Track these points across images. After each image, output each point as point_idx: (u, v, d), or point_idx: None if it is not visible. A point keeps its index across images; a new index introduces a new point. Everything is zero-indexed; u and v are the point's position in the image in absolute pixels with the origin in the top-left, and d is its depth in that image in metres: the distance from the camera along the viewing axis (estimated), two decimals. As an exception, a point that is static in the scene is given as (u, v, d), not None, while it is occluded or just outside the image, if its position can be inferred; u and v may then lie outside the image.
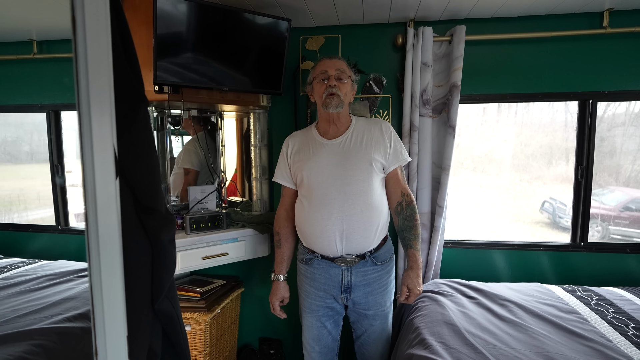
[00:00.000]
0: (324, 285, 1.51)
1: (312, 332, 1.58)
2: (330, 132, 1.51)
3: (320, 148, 1.49)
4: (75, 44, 0.52)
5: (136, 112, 0.72)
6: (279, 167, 1.61)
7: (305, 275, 1.56)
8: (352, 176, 1.43)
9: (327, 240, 1.44)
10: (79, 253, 2.30)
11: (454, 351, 1.22)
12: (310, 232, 1.48)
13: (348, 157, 1.45)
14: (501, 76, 1.90)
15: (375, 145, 1.47)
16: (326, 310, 1.54)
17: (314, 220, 1.46)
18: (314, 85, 1.51)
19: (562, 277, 1.96)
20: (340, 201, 1.42)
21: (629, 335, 1.34)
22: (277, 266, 1.61)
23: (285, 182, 1.60)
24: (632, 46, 1.80)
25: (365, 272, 1.48)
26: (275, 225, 1.64)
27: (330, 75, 1.45)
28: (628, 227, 3.68)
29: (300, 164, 1.51)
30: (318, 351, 1.59)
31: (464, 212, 1.58)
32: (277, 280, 1.61)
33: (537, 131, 3.51)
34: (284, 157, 1.59)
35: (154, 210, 0.75)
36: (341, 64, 1.48)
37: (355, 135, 1.49)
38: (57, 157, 2.35)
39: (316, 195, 1.45)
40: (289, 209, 1.62)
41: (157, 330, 0.81)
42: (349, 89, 1.49)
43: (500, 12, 1.79)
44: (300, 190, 1.55)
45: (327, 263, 1.49)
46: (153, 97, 1.61)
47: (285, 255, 1.61)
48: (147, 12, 1.51)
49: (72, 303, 1.53)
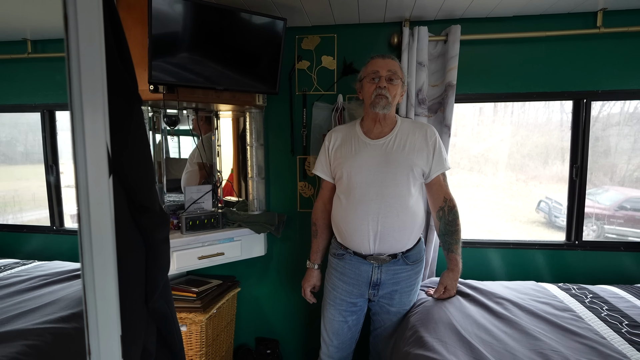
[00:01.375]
0: (353, 280, 1.53)
1: (332, 325, 1.59)
2: (374, 132, 1.51)
3: (363, 147, 1.50)
4: (67, 41, 0.52)
5: (130, 110, 0.72)
6: (319, 161, 1.63)
7: (336, 269, 1.58)
8: (391, 179, 1.44)
9: (361, 239, 1.46)
10: (73, 253, 2.29)
11: (451, 349, 1.22)
12: (345, 229, 1.50)
13: (389, 160, 1.45)
14: (496, 76, 1.90)
15: (418, 151, 1.47)
16: (349, 305, 1.56)
17: (349, 218, 1.47)
18: (363, 83, 1.51)
19: (557, 276, 1.97)
20: (377, 203, 1.43)
21: (622, 332, 1.34)
22: (313, 255, 1.68)
23: (324, 175, 1.62)
24: (625, 46, 1.81)
25: (396, 270, 1.50)
26: (313, 216, 1.69)
27: (382, 76, 1.45)
28: (623, 226, 3.70)
29: (340, 161, 1.52)
30: (336, 345, 1.60)
31: (461, 212, 1.58)
32: (312, 268, 1.68)
33: (533, 131, 3.53)
34: (325, 151, 1.60)
35: (148, 209, 0.75)
36: (393, 64, 1.47)
37: (399, 137, 1.49)
38: (52, 157, 2.33)
39: (354, 194, 1.47)
40: (326, 202, 1.65)
41: (151, 329, 0.81)
42: (399, 90, 1.49)
43: (495, 12, 1.80)
44: (338, 186, 1.56)
45: (359, 259, 1.51)
46: (148, 97, 1.60)
47: (321, 245, 1.68)
48: (141, 11, 1.51)
49: (66, 303, 1.52)
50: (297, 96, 2.03)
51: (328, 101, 1.99)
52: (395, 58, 1.50)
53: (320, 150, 1.65)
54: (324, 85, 2.00)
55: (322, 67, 1.99)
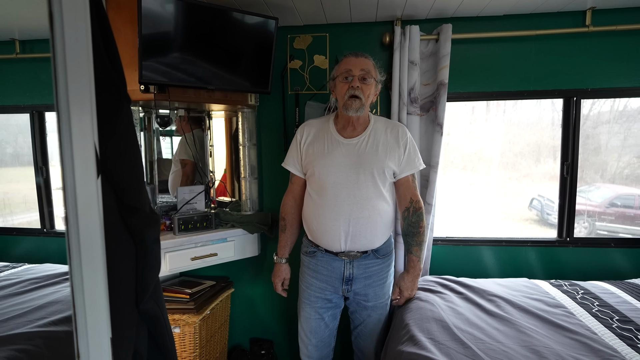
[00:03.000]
0: (325, 276, 1.53)
1: (309, 323, 1.58)
2: (347, 130, 1.50)
3: (336, 146, 1.48)
4: (53, 39, 0.51)
5: (118, 110, 0.71)
6: (290, 155, 1.60)
7: (308, 267, 1.58)
8: (363, 181, 1.44)
9: (333, 238, 1.47)
10: (64, 256, 2.26)
11: (443, 347, 1.22)
12: (316, 228, 1.50)
13: (362, 161, 1.45)
14: (488, 74, 1.92)
15: (390, 151, 1.47)
16: (325, 302, 1.56)
17: (321, 218, 1.48)
18: (336, 82, 1.48)
19: (549, 272, 1.99)
20: (349, 204, 1.43)
21: (613, 327, 1.36)
22: (281, 250, 1.66)
23: (295, 170, 1.59)
24: (614, 44, 1.83)
25: (367, 265, 1.51)
26: (282, 211, 1.65)
27: (355, 76, 1.41)
28: (613, 223, 3.75)
29: (312, 158, 1.50)
30: (314, 344, 1.60)
31: (455, 210, 1.60)
32: (279, 262, 1.66)
33: (525, 129, 3.56)
34: (297, 145, 1.57)
35: (137, 210, 0.74)
36: (367, 63, 1.44)
37: (373, 137, 1.48)
38: (42, 159, 2.30)
39: (326, 194, 1.46)
40: (297, 197, 1.63)
41: (142, 331, 0.80)
42: (372, 90, 1.46)
43: (486, 11, 1.81)
44: (309, 183, 1.55)
45: (330, 256, 1.51)
46: (139, 97, 1.59)
47: (289, 240, 1.66)
48: (131, 10, 1.49)
49: (56, 307, 1.50)
50: (289, 95, 2.03)
51: (320, 100, 1.99)
52: (369, 57, 1.47)
53: (292, 143, 1.60)
54: (316, 85, 2.00)
55: (314, 66, 1.99)
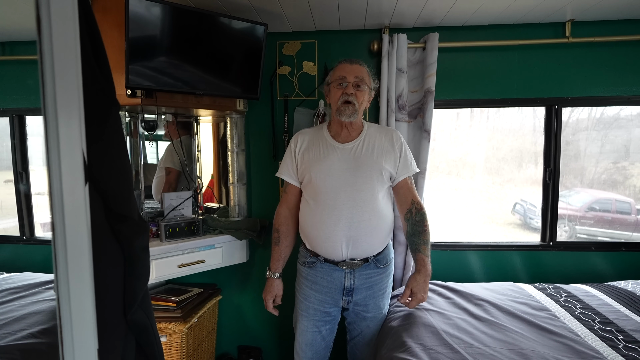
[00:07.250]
0: (325, 288, 1.49)
1: (306, 336, 1.55)
2: (342, 135, 1.50)
3: (331, 151, 1.48)
4: (40, 44, 0.49)
5: (107, 116, 0.70)
6: (285, 163, 1.57)
7: (307, 278, 1.54)
8: (362, 183, 1.43)
9: (333, 245, 1.44)
10: (45, 264, 2.18)
11: (432, 352, 1.23)
12: (315, 235, 1.47)
13: (359, 164, 1.44)
14: (473, 82, 1.96)
15: (386, 154, 1.47)
16: (323, 314, 1.52)
17: (321, 224, 1.44)
18: (331, 88, 1.49)
19: (533, 276, 2.03)
20: (349, 207, 1.42)
21: (595, 329, 1.40)
22: (274, 263, 1.56)
23: (290, 179, 1.56)
24: (592, 55, 1.90)
25: (368, 275, 1.49)
26: (275, 222, 1.59)
27: (349, 83, 1.43)
28: (593, 227, 3.86)
29: (308, 164, 1.49)
30: (309, 357, 1.57)
31: (441, 215, 1.61)
32: (272, 277, 1.56)
33: (508, 135, 3.65)
34: (291, 153, 1.55)
35: (126, 217, 0.73)
36: (361, 70, 1.45)
37: (367, 142, 1.49)
38: (22, 164, 2.23)
39: (324, 199, 1.44)
40: (292, 207, 1.59)
41: (130, 342, 0.78)
42: (366, 97, 1.48)
43: (471, 21, 1.86)
44: (306, 190, 1.53)
45: (330, 266, 1.48)
46: (126, 101, 1.56)
47: (284, 253, 1.57)
48: (118, 14, 1.47)
49: (37, 318, 1.44)
50: (278, 101, 2.03)
51: (309, 106, 2.00)
52: (363, 64, 1.49)
53: (286, 153, 1.58)
54: (305, 91, 2.01)
55: (303, 72, 2.00)
